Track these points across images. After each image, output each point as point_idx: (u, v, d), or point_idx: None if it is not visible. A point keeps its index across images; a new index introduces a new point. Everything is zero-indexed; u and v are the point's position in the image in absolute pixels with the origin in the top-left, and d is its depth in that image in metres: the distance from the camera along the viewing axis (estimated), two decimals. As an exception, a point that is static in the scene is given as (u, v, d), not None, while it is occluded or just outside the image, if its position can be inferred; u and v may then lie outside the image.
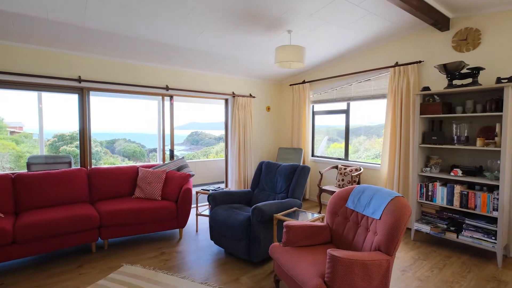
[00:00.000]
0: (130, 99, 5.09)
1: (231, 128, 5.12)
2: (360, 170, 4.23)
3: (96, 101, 3.93)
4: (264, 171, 3.51)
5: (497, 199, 2.76)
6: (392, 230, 1.88)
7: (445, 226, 3.18)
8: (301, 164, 4.54)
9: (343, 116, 4.80)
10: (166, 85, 4.38)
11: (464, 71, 3.17)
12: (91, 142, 3.90)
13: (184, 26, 3.16)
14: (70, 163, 3.78)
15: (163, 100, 4.47)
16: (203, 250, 3.12)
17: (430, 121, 3.47)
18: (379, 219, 2.02)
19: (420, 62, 3.61)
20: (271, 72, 5.12)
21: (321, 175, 4.42)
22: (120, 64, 3.98)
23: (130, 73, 4.07)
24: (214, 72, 4.84)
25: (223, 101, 5.23)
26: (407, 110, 3.70)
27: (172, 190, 3.46)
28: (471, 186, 3.11)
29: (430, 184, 3.25)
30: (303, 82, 5.22)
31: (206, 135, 15.89)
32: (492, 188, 2.96)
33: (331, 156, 5.23)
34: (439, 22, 3.18)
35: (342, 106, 4.81)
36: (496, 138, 2.84)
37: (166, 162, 4.01)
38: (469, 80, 3.20)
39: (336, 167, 4.55)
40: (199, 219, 4.12)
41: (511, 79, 2.71)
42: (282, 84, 5.87)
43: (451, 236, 3.08)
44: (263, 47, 3.91)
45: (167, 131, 4.52)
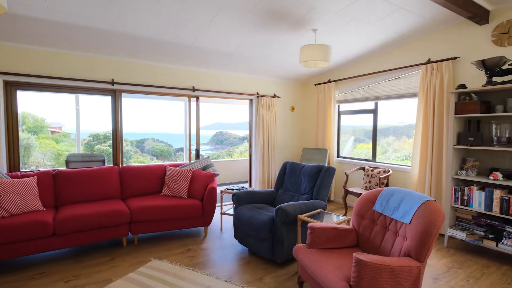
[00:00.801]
0: (158, 100, 5.29)
1: (255, 128, 5.14)
2: (389, 172, 4.07)
3: (127, 102, 4.13)
4: (288, 171, 3.49)
5: (543, 205, 2.54)
6: (423, 235, 1.79)
7: (482, 234, 2.97)
8: (326, 165, 4.46)
9: (371, 116, 4.65)
10: (193, 86, 4.50)
11: (505, 67, 2.94)
12: (123, 142, 4.10)
13: (211, 28, 3.23)
14: (103, 161, 4.00)
15: (189, 101, 4.60)
16: (227, 248, 3.17)
17: (466, 121, 3.26)
18: (409, 223, 1.93)
19: (455, 58, 3.40)
20: (295, 72, 5.08)
21: (346, 177, 4.31)
22: (149, 67, 4.15)
23: (158, 75, 4.23)
24: (239, 72, 4.90)
25: (248, 101, 5.28)
26: (440, 109, 3.50)
27: (198, 189, 3.55)
28: (513, 191, 2.89)
29: (466, 188, 3.05)
30: (329, 81, 5.12)
31: (230, 135, 16.10)
32: (538, 194, 2.73)
33: (357, 157, 5.09)
34: (477, 15, 2.98)
35: (370, 105, 4.66)
36: (542, 139, 2.61)
37: (192, 161, 4.12)
38: (511, 76, 2.96)
39: (362, 169, 4.41)
40: (223, 218, 4.19)
41: (561, 75, 2.48)
42: (306, 83, 5.81)
43: (489, 244, 2.87)
44: (288, 47, 3.89)
45: (193, 131, 4.64)
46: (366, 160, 4.77)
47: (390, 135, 4.96)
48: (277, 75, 5.17)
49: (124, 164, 4.11)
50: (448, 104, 3.43)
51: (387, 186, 4.09)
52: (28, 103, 7.83)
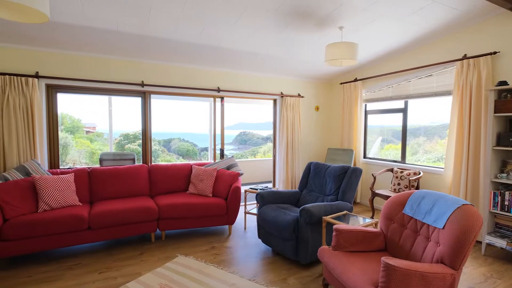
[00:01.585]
0: (185, 101, 5.45)
1: (279, 128, 5.13)
2: (420, 174, 3.88)
3: (155, 103, 4.29)
4: (313, 172, 3.45)
5: None
6: (458, 241, 1.69)
7: (526, 242, 2.75)
8: (351, 165, 4.34)
9: (400, 115, 4.46)
10: (218, 87, 4.58)
11: (554, 61, 2.70)
12: (151, 141, 4.26)
13: (236, 29, 3.26)
14: (134, 160, 4.19)
15: (214, 101, 4.68)
16: (251, 247, 3.19)
17: (507, 120, 3.03)
18: (443, 228, 1.83)
19: (495, 53, 3.17)
20: (320, 71, 5.00)
21: (374, 178, 4.17)
22: (177, 68, 4.28)
23: (185, 76, 4.35)
24: (263, 72, 4.91)
25: (271, 101, 5.27)
26: (478, 108, 3.28)
27: (222, 188, 3.61)
28: (562, 196, 2.64)
29: (507, 193, 2.84)
30: (355, 80, 4.98)
31: (254, 135, 16.17)
32: None
33: (385, 158, 4.90)
34: (521, 6, 2.76)
35: (399, 104, 4.47)
36: None
37: (217, 161, 4.19)
38: (560, 71, 2.72)
39: (391, 170, 4.25)
40: (247, 217, 4.22)
41: None
42: (331, 83, 5.69)
43: (534, 253, 2.65)
44: (313, 45, 3.84)
45: (218, 131, 4.72)
46: (395, 161, 4.58)
47: (420, 136, 4.72)
48: (301, 74, 5.12)
49: (152, 163, 4.27)
50: (486, 102, 3.20)
51: (417, 188, 3.91)
52: (66, 104, 8.39)
